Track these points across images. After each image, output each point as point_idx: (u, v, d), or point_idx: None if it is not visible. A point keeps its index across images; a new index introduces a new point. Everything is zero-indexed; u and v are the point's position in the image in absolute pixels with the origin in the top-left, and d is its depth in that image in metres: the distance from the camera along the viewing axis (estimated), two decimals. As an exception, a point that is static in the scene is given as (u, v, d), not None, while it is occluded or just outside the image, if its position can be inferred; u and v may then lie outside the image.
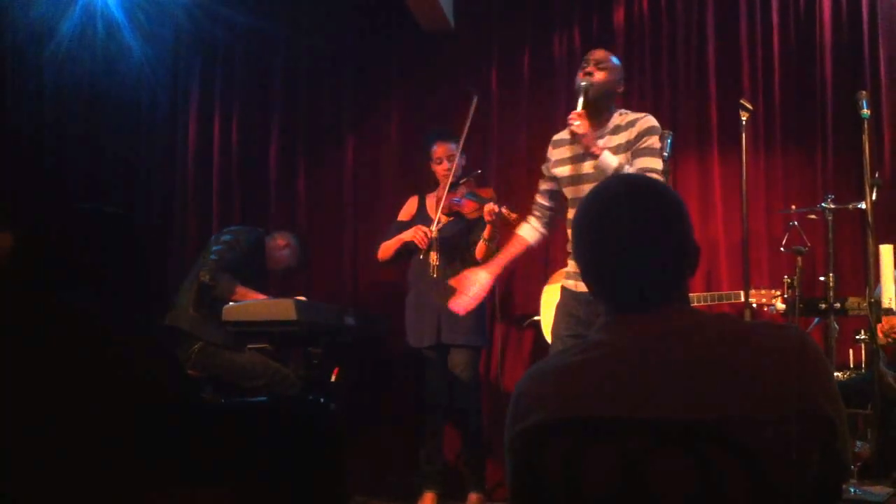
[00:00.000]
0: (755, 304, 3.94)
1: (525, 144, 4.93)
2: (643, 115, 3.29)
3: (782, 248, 3.96)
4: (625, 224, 1.32)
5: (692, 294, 4.09)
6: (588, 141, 3.19)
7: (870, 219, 3.44)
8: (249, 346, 4.22)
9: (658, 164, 3.16)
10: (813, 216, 3.93)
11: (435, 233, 4.16)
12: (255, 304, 3.85)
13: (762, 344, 1.23)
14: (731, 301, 4.15)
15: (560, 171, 3.39)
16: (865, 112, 3.48)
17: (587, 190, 3.24)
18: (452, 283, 3.46)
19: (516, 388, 1.37)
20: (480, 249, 4.15)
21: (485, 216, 3.99)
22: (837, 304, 3.63)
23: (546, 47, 5.03)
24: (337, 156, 5.29)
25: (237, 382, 4.07)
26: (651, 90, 4.82)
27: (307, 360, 3.95)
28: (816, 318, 3.98)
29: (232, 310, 3.83)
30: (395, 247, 4.30)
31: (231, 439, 1.84)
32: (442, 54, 5.16)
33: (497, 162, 4.98)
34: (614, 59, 3.34)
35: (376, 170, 5.23)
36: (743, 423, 1.16)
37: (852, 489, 3.19)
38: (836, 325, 3.68)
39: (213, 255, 4.09)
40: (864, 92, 3.58)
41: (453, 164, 4.25)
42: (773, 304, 3.97)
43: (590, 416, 1.25)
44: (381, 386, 4.96)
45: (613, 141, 3.26)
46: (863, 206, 3.49)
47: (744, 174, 3.67)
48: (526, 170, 4.90)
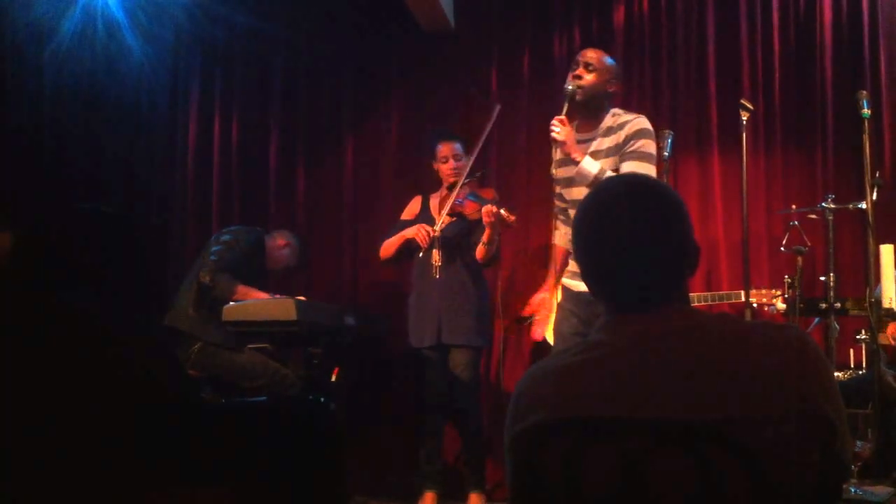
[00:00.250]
0: (756, 304, 3.94)
1: (525, 145, 4.93)
2: (634, 117, 3.19)
3: (783, 247, 3.96)
4: (625, 224, 1.32)
5: (692, 294, 4.09)
6: (567, 148, 3.14)
7: (870, 219, 3.44)
8: (250, 345, 4.22)
9: (646, 169, 3.06)
10: (813, 216, 3.93)
11: (437, 232, 4.15)
12: (256, 303, 3.85)
13: (762, 344, 1.23)
14: (732, 301, 4.15)
15: (560, 171, 3.37)
16: (866, 112, 3.48)
17: (577, 192, 3.26)
18: (525, 313, 3.46)
19: (516, 388, 1.37)
20: (479, 252, 4.14)
21: (483, 217, 3.98)
22: (838, 304, 3.62)
23: (546, 47, 5.03)
24: (337, 156, 5.29)
25: (237, 382, 4.07)
26: (651, 90, 4.82)
27: (307, 360, 3.95)
28: (817, 318, 3.98)
29: (232, 309, 3.82)
30: (397, 244, 4.29)
31: (231, 439, 1.84)
32: (442, 54, 5.15)
33: (497, 162, 4.97)
34: (607, 58, 3.27)
35: (376, 170, 5.23)
36: (743, 423, 1.16)
37: (853, 489, 3.19)
38: (837, 325, 3.68)
39: (212, 256, 4.08)
40: (864, 91, 3.59)
41: (460, 164, 4.27)
42: (774, 304, 3.97)
43: (590, 416, 1.25)
44: (381, 386, 4.95)
45: (604, 143, 3.20)
46: (863, 205, 3.50)
47: (744, 174, 3.68)
48: (526, 170, 4.91)
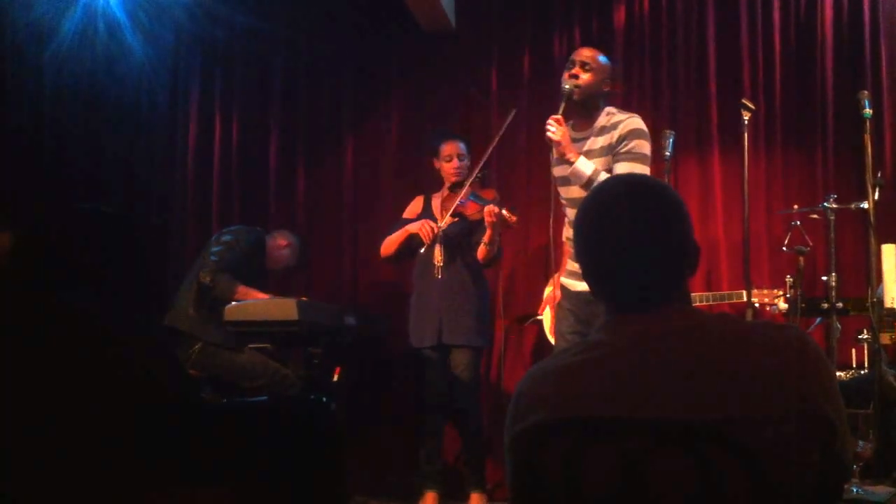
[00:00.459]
0: (757, 304, 3.94)
1: (525, 145, 4.93)
2: (628, 117, 3.20)
3: (784, 247, 3.95)
4: (625, 224, 1.32)
5: (693, 294, 4.09)
6: (563, 149, 3.14)
7: (872, 219, 3.44)
8: (251, 345, 4.22)
9: (639, 170, 3.05)
10: (815, 216, 3.92)
11: (441, 228, 4.15)
12: (257, 303, 3.85)
13: (762, 344, 1.23)
14: (733, 301, 4.15)
15: (556, 170, 3.38)
16: (867, 111, 3.48)
17: (573, 192, 3.27)
18: (542, 311, 3.44)
19: (517, 388, 1.37)
20: (481, 252, 4.14)
21: (485, 217, 3.98)
22: (839, 304, 3.62)
23: (546, 47, 5.02)
24: (337, 156, 5.29)
25: (237, 382, 4.07)
26: (651, 90, 4.82)
27: (308, 360, 3.95)
28: (818, 318, 3.98)
29: (233, 309, 3.83)
30: (400, 239, 4.28)
31: (231, 439, 1.83)
32: (442, 54, 5.15)
33: (497, 163, 4.97)
34: (602, 57, 3.27)
35: (376, 170, 5.23)
36: (743, 423, 1.16)
37: (854, 489, 3.18)
38: (838, 325, 3.67)
39: (213, 256, 4.08)
40: (865, 91, 3.59)
41: (463, 163, 4.28)
42: (776, 304, 3.97)
43: (590, 416, 1.25)
44: (381, 386, 4.95)
45: (598, 143, 3.21)
46: (865, 205, 3.49)
47: (745, 174, 3.67)
48: (526, 170, 4.91)
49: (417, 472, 4.26)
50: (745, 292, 3.77)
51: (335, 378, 4.23)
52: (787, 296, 3.87)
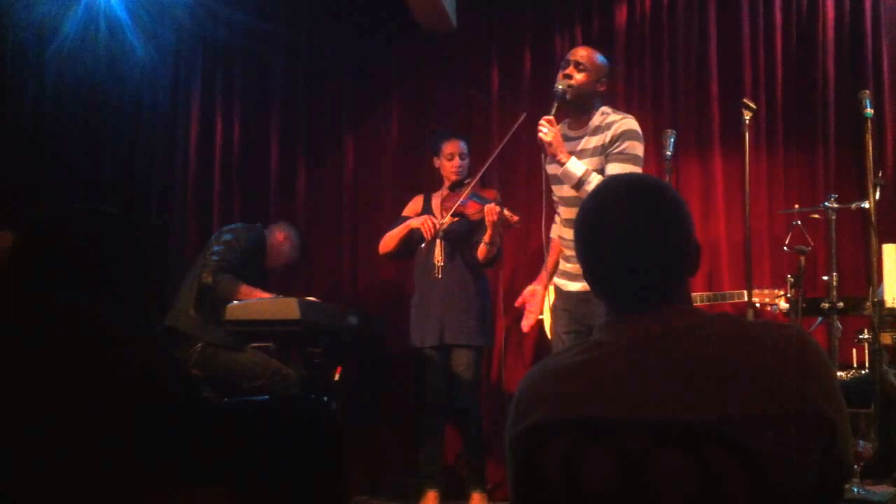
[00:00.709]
0: (758, 304, 3.94)
1: (525, 145, 4.92)
2: (622, 118, 3.22)
3: (785, 247, 3.95)
4: (624, 224, 1.32)
5: (694, 294, 4.08)
6: (554, 150, 3.14)
7: (873, 218, 3.44)
8: (252, 344, 4.22)
9: (630, 171, 3.06)
10: (815, 215, 3.92)
11: (442, 225, 4.15)
12: (259, 303, 3.85)
13: (762, 344, 1.22)
14: (734, 301, 4.14)
15: (550, 168, 3.38)
16: (868, 111, 3.48)
17: (564, 191, 3.28)
18: (518, 304, 3.46)
19: (517, 388, 1.38)
20: (481, 252, 4.14)
21: (486, 217, 3.99)
22: (840, 304, 3.62)
23: (547, 47, 5.02)
24: (337, 156, 5.28)
25: (238, 382, 4.07)
26: (652, 89, 4.82)
27: (309, 360, 3.95)
28: (819, 318, 3.98)
29: (235, 309, 3.83)
30: (401, 234, 4.28)
31: (231, 439, 1.83)
32: (442, 54, 5.15)
33: (498, 163, 4.96)
34: (598, 57, 3.28)
35: (376, 170, 5.22)
36: (743, 424, 1.15)
37: (855, 489, 3.18)
38: (839, 325, 3.67)
39: (214, 256, 4.07)
40: (866, 91, 3.59)
41: (464, 162, 4.30)
42: (776, 304, 3.97)
43: (590, 416, 1.25)
44: (381, 386, 4.95)
45: (591, 142, 3.23)
46: (866, 205, 3.49)
47: (746, 173, 3.67)
48: (526, 170, 4.90)
49: (418, 472, 4.26)
50: (745, 292, 3.77)
51: (336, 377, 4.23)
52: (788, 295, 3.86)
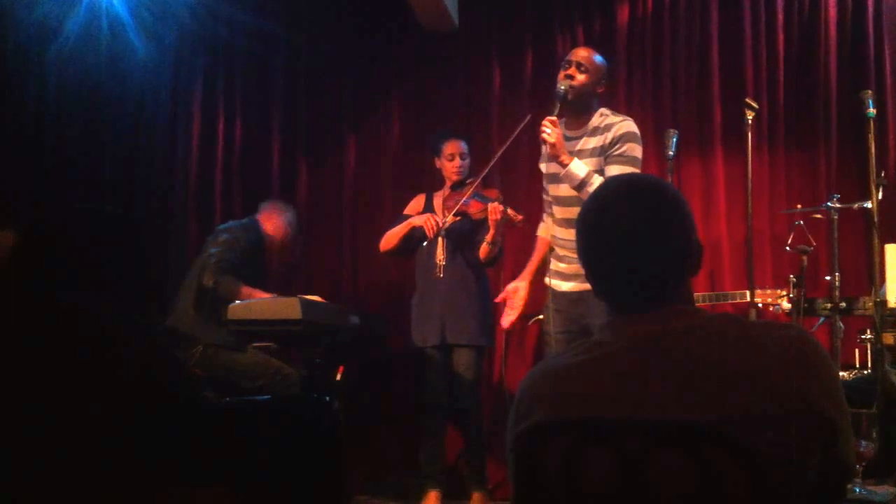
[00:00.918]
0: (760, 304, 3.93)
1: (526, 144, 4.91)
2: (621, 120, 3.24)
3: (787, 247, 3.95)
4: (625, 224, 1.32)
5: (696, 294, 4.08)
6: (557, 151, 3.14)
7: (875, 218, 3.44)
8: (254, 344, 4.21)
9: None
10: (818, 215, 3.92)
11: (444, 224, 4.15)
12: (260, 302, 3.84)
13: (763, 344, 1.22)
14: (736, 301, 4.14)
15: (546, 167, 3.38)
16: (870, 111, 3.48)
17: (562, 190, 3.27)
18: (499, 300, 3.45)
19: (518, 388, 1.38)
20: (483, 251, 4.14)
21: (489, 216, 3.99)
22: (842, 304, 3.62)
23: (548, 47, 5.02)
24: (338, 156, 5.28)
25: (239, 381, 4.06)
26: (654, 89, 4.81)
27: (310, 360, 3.95)
28: (821, 318, 3.97)
29: (237, 308, 3.82)
30: (402, 232, 4.28)
31: (231, 439, 1.83)
32: (443, 54, 5.15)
33: (499, 162, 4.96)
34: (597, 57, 3.29)
35: (377, 169, 5.22)
36: (743, 424, 1.15)
37: (856, 489, 3.18)
38: (841, 325, 3.67)
39: (212, 258, 4.05)
40: (869, 91, 3.58)
41: (465, 162, 4.30)
42: (779, 304, 3.96)
43: (590, 417, 1.25)
44: (381, 386, 4.95)
45: (590, 143, 3.24)
46: (868, 205, 3.49)
47: (749, 173, 3.66)
48: (528, 170, 4.89)
49: (418, 471, 4.25)
50: (747, 292, 3.76)
51: (337, 377, 4.22)
52: (790, 295, 3.86)
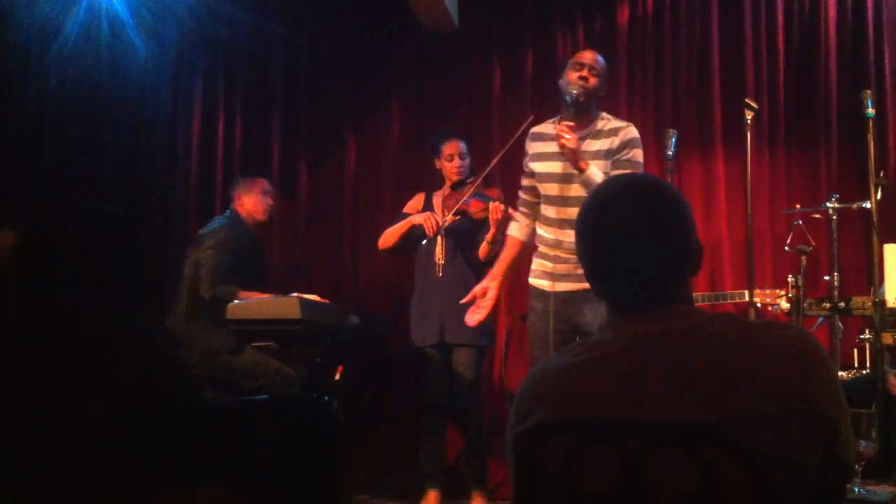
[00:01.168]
0: (759, 304, 3.93)
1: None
2: (627, 125, 3.29)
3: (786, 247, 3.95)
4: (625, 224, 1.32)
5: (695, 293, 4.08)
6: (577, 156, 3.16)
7: (874, 218, 3.43)
8: (253, 343, 4.21)
9: None
10: (817, 215, 3.91)
11: (445, 223, 4.15)
12: (260, 302, 3.84)
13: (763, 344, 1.22)
14: (736, 300, 4.14)
15: (541, 166, 3.36)
16: (870, 111, 3.47)
17: (568, 189, 3.27)
18: (467, 300, 3.43)
19: (518, 389, 1.38)
20: (483, 250, 4.14)
21: (490, 215, 3.99)
22: (842, 304, 3.61)
23: (549, 46, 5.02)
24: (338, 155, 5.28)
25: (238, 382, 4.06)
26: (654, 89, 4.81)
27: (310, 360, 3.95)
28: (820, 318, 3.97)
29: (236, 308, 3.82)
30: (402, 230, 4.28)
31: (231, 439, 1.83)
32: (443, 54, 5.15)
33: (499, 162, 4.96)
34: (602, 60, 3.33)
35: (377, 169, 5.22)
36: (743, 424, 1.15)
37: (856, 489, 3.17)
38: (840, 325, 3.67)
39: (203, 268, 4.03)
40: (868, 91, 3.57)
41: (464, 162, 4.29)
42: (778, 304, 3.97)
43: (590, 417, 1.25)
44: (381, 386, 4.95)
45: (594, 145, 3.25)
46: (867, 205, 3.48)
47: (748, 173, 3.66)
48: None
49: (418, 471, 4.25)
50: (747, 292, 3.76)
51: (337, 377, 4.22)
52: (790, 295, 3.86)
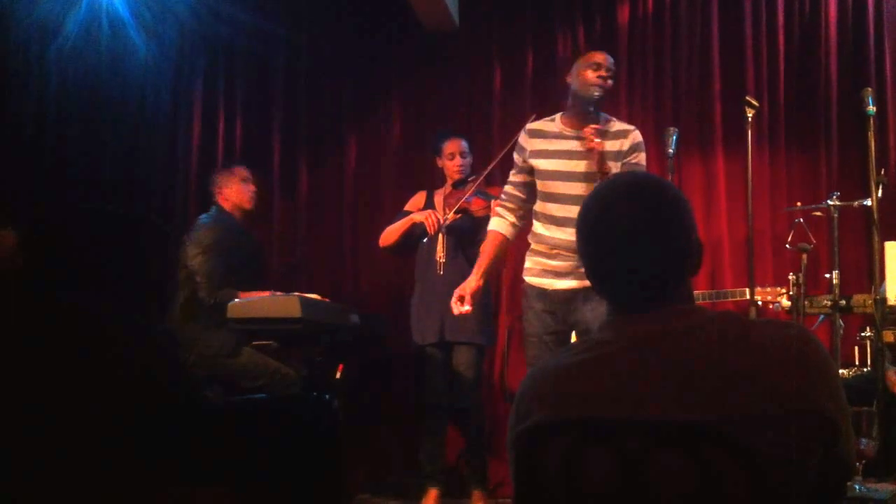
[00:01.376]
0: (760, 302, 3.93)
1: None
2: (633, 128, 3.32)
3: (787, 245, 3.95)
4: (625, 224, 1.31)
5: (696, 292, 4.08)
6: (604, 158, 3.19)
7: (875, 216, 3.43)
8: (254, 342, 4.20)
9: None
10: (818, 213, 3.91)
11: (446, 221, 4.15)
12: (260, 300, 3.83)
13: (763, 343, 1.22)
14: (736, 299, 4.14)
15: (545, 163, 3.35)
16: (870, 109, 3.47)
17: (574, 188, 3.28)
18: (456, 300, 3.41)
19: (519, 388, 1.38)
20: (484, 249, 4.13)
21: (492, 213, 3.98)
22: (843, 302, 3.61)
23: (549, 46, 5.02)
24: (339, 155, 5.27)
25: (238, 382, 4.05)
26: (655, 88, 4.81)
27: (310, 359, 3.94)
28: (821, 316, 3.97)
29: (237, 307, 3.82)
30: (403, 227, 4.27)
31: (231, 439, 1.83)
32: (443, 53, 5.14)
33: (500, 162, 4.96)
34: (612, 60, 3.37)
35: (378, 169, 5.22)
36: (743, 424, 1.15)
37: (857, 486, 3.17)
38: (841, 323, 3.66)
39: (197, 276, 4.00)
40: (869, 89, 3.57)
41: (466, 161, 4.29)
42: (779, 302, 3.96)
43: (590, 417, 1.24)
44: (381, 385, 4.94)
45: (600, 146, 3.24)
46: (868, 203, 3.48)
47: (749, 171, 3.66)
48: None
49: (419, 471, 4.25)
50: (748, 290, 3.76)
51: (338, 376, 4.22)
52: (790, 293, 3.86)
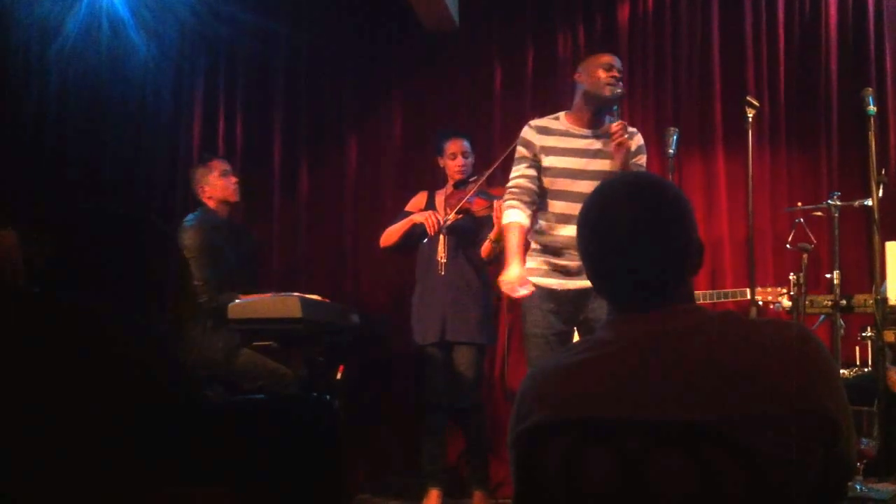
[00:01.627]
0: (761, 302, 3.93)
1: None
2: (635, 130, 3.37)
3: (788, 245, 3.95)
4: (625, 224, 1.31)
5: (697, 292, 4.08)
6: (629, 157, 3.24)
7: (876, 216, 3.43)
8: (254, 343, 4.20)
9: None
10: (819, 213, 3.91)
11: (446, 222, 4.15)
12: (261, 301, 3.83)
13: (764, 343, 1.22)
14: (737, 299, 4.14)
15: (556, 161, 3.35)
16: (871, 109, 3.47)
17: (585, 186, 3.30)
18: (503, 289, 3.37)
19: (519, 388, 1.38)
20: (486, 249, 4.13)
21: (494, 213, 3.99)
22: (843, 302, 3.62)
23: (550, 46, 5.02)
24: (339, 155, 5.28)
25: (238, 383, 4.04)
26: (655, 87, 4.81)
27: (311, 359, 3.94)
28: (822, 316, 3.97)
29: (237, 307, 3.82)
30: (404, 228, 4.27)
31: (231, 439, 1.83)
32: (444, 53, 5.14)
33: (502, 162, 4.96)
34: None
35: (378, 169, 5.22)
36: (744, 424, 1.15)
37: (858, 486, 3.17)
38: (842, 323, 3.66)
39: (196, 281, 3.99)
40: (869, 88, 3.57)
41: (468, 161, 4.30)
42: (779, 302, 3.97)
43: (590, 416, 1.24)
44: (381, 385, 4.94)
45: (608, 145, 3.31)
46: (869, 203, 3.48)
47: (749, 171, 3.66)
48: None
49: (419, 471, 4.25)
50: (748, 290, 3.76)
51: (338, 376, 4.22)
52: (791, 293, 3.86)
